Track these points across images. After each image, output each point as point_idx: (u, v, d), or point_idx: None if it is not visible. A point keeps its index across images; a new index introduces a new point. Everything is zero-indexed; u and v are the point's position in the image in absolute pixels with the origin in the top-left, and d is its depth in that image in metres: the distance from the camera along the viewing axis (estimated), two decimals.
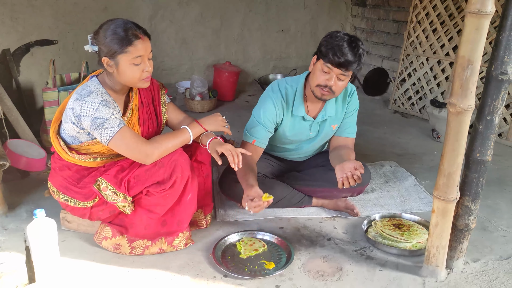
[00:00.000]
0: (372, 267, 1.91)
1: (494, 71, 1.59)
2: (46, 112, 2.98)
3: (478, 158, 1.70)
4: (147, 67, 1.80)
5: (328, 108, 2.23)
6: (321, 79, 2.03)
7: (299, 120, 2.24)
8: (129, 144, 1.79)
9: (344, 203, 2.32)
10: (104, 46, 1.75)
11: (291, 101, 2.20)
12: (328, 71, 2.01)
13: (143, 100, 2.00)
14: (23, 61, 3.40)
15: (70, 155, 1.91)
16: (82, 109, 1.75)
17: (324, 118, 2.25)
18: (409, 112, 4.29)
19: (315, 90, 2.08)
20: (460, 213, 1.79)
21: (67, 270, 1.82)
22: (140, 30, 1.77)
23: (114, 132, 1.76)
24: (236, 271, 1.84)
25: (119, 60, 1.75)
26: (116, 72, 1.79)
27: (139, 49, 1.75)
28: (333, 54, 1.95)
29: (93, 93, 1.77)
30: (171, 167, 1.82)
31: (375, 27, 4.91)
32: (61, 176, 1.96)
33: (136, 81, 1.81)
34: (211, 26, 4.62)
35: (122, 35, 1.72)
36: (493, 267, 1.92)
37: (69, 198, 1.95)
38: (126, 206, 1.88)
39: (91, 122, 1.75)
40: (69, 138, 1.90)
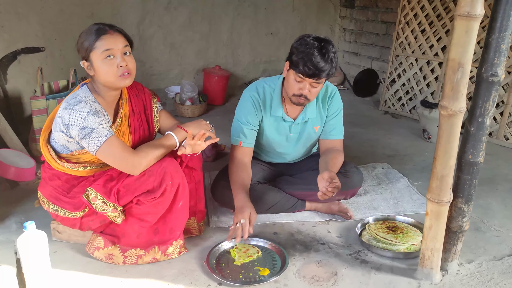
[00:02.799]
0: (367, 271, 1.90)
1: (485, 73, 1.60)
2: (34, 120, 2.94)
3: (471, 160, 1.71)
4: (121, 62, 1.77)
5: (308, 109, 2.24)
6: (295, 89, 2.04)
7: (278, 121, 2.25)
8: (116, 154, 1.78)
9: (338, 207, 2.31)
10: (79, 49, 1.79)
11: (269, 101, 2.22)
12: (301, 81, 2.00)
13: (134, 109, 1.99)
14: (10, 69, 3.36)
15: (59, 163, 1.89)
16: (70, 118, 1.74)
17: (304, 120, 2.26)
18: (400, 112, 4.31)
19: (291, 98, 2.09)
20: (453, 215, 1.79)
21: (59, 282, 1.79)
22: (108, 26, 1.80)
23: (101, 142, 1.75)
24: (230, 278, 1.82)
25: (92, 57, 1.77)
26: (95, 73, 1.79)
27: (108, 43, 1.76)
28: (304, 65, 1.93)
29: (82, 102, 1.76)
30: (161, 175, 1.80)
31: (363, 28, 4.93)
32: (50, 186, 1.94)
33: (112, 78, 1.78)
34: (200, 31, 4.60)
35: (89, 34, 1.76)
36: (487, 268, 1.92)
37: (59, 209, 1.92)
38: (116, 216, 1.85)
39: (79, 131, 1.74)
40: (59, 147, 1.88)
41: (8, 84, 3.34)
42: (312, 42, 1.95)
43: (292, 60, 1.99)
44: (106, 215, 1.85)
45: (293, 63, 1.99)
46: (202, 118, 4.08)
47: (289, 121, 2.25)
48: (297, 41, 2.01)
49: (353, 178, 2.30)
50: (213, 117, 4.16)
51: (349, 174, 2.29)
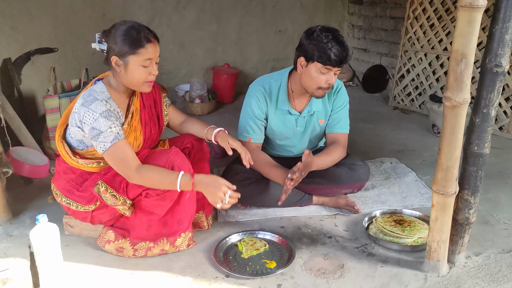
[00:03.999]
0: (374, 264, 1.91)
1: (489, 64, 1.60)
2: (48, 119, 3.01)
3: (476, 151, 1.71)
4: (154, 71, 1.83)
5: (314, 102, 2.27)
6: (321, 81, 2.07)
7: (284, 114, 2.28)
8: (117, 161, 1.80)
9: (345, 200, 2.32)
10: (115, 45, 1.77)
11: (275, 95, 2.25)
12: (327, 72, 2.04)
13: (145, 103, 2.02)
14: (24, 69, 3.43)
15: (74, 159, 1.93)
16: (84, 115, 1.78)
17: (310, 113, 2.28)
18: (409, 108, 4.29)
19: (316, 92, 2.12)
20: (460, 207, 1.79)
21: (71, 275, 1.84)
22: (152, 34, 1.81)
23: (106, 147, 1.77)
24: (238, 271, 1.85)
25: (129, 60, 1.77)
26: (123, 72, 1.81)
27: (149, 52, 1.78)
28: (334, 56, 1.99)
29: (98, 100, 1.78)
30: (169, 168, 1.83)
31: (372, 25, 4.92)
32: (64, 179, 1.98)
33: (140, 83, 1.83)
34: (208, 30, 4.63)
35: (135, 37, 1.75)
36: (495, 261, 1.92)
37: (71, 202, 1.96)
38: (126, 209, 1.89)
39: (89, 130, 1.78)
40: (75, 142, 1.92)
41: (23, 84, 3.41)
42: (326, 33, 2.01)
43: (314, 54, 2.02)
44: (116, 208, 1.89)
45: (316, 57, 2.02)
46: (211, 118, 4.11)
47: (295, 114, 2.27)
48: (309, 36, 2.04)
49: (358, 172, 2.31)
50: (222, 115, 4.20)
51: (354, 168, 2.30)
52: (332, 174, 2.22)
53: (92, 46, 1.86)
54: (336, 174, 2.25)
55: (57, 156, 2.03)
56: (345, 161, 2.30)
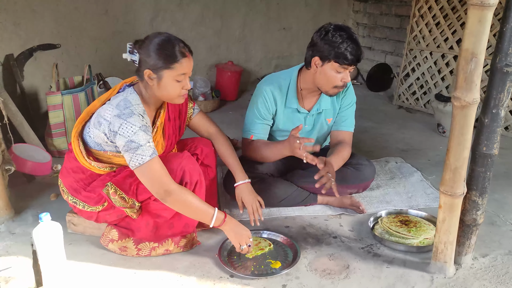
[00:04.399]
0: (379, 264, 1.89)
1: (499, 63, 1.57)
2: (50, 116, 3.00)
3: (485, 152, 1.68)
4: (187, 85, 1.80)
5: (323, 101, 2.26)
6: (337, 80, 2.07)
7: (293, 113, 2.26)
8: (153, 176, 1.73)
9: (350, 200, 2.30)
10: (149, 58, 1.73)
11: (285, 93, 2.23)
12: (343, 70, 2.05)
13: (170, 115, 1.99)
14: (27, 66, 3.41)
15: (87, 160, 1.88)
16: (121, 127, 1.71)
17: (319, 111, 2.28)
18: (414, 107, 4.26)
19: (330, 90, 2.12)
20: (467, 208, 1.77)
21: (74, 273, 1.82)
22: (187, 48, 1.78)
23: (144, 161, 1.71)
24: (242, 271, 1.83)
25: (163, 74, 1.74)
26: (156, 85, 1.77)
27: (184, 67, 1.75)
28: (351, 55, 2.00)
29: (136, 115, 1.72)
30: (180, 174, 1.82)
31: (377, 22, 4.88)
32: (73, 178, 1.95)
33: (174, 97, 1.81)
34: (212, 27, 4.61)
35: (170, 51, 1.72)
36: (502, 262, 1.90)
37: (77, 201, 1.94)
38: (134, 212, 1.88)
39: (126, 143, 1.71)
40: (94, 143, 1.86)
41: (25, 81, 3.39)
42: (340, 33, 2.01)
43: (330, 54, 2.01)
44: (124, 210, 1.88)
45: (333, 57, 2.01)
46: (215, 116, 4.08)
47: (304, 113, 2.27)
48: (323, 36, 2.03)
49: (364, 171, 2.30)
50: (226, 113, 4.18)
51: (360, 167, 2.28)
52: (338, 174, 2.20)
53: (123, 57, 1.82)
54: (342, 174, 2.22)
55: (69, 150, 1.98)
56: (350, 161, 2.28)
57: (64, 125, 3.04)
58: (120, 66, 4.14)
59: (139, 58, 1.76)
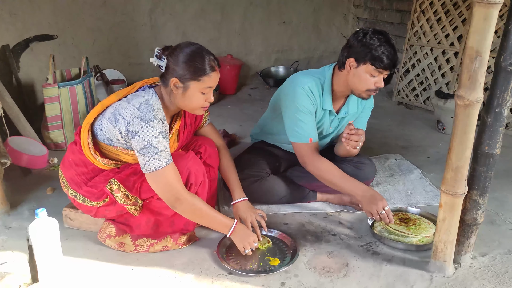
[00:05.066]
0: (379, 263, 1.88)
1: (503, 62, 1.55)
2: (46, 108, 2.96)
3: (487, 151, 1.67)
4: (210, 98, 1.80)
5: (351, 104, 2.25)
6: (371, 84, 2.04)
7: (324, 114, 2.22)
8: (168, 183, 1.72)
9: (349, 198, 2.29)
10: (177, 67, 1.72)
11: (319, 94, 2.16)
12: (379, 75, 2.02)
13: (187, 122, 1.99)
14: (23, 57, 3.37)
15: (92, 155, 1.85)
16: (141, 130, 1.68)
17: (345, 115, 2.25)
18: (413, 103, 4.24)
19: (362, 93, 2.08)
20: (468, 208, 1.75)
21: (70, 269, 1.80)
22: (216, 61, 1.77)
23: (160, 166, 1.69)
24: (240, 268, 1.82)
25: (190, 85, 1.73)
26: (180, 95, 1.76)
27: (212, 81, 1.75)
28: (387, 59, 1.96)
29: (157, 120, 1.71)
30: (186, 175, 1.80)
31: (378, 17, 4.85)
32: (75, 171, 1.91)
33: (195, 108, 1.81)
34: (212, 19, 4.56)
35: (201, 63, 1.71)
36: (501, 261, 1.89)
37: (78, 195, 1.92)
38: (136, 209, 1.86)
39: (144, 146, 1.68)
40: (103, 137, 1.83)
41: (21, 72, 3.35)
42: (379, 36, 1.99)
43: (367, 56, 1.97)
44: (126, 207, 1.85)
45: (370, 60, 1.97)
46: (214, 110, 4.07)
47: (333, 115, 2.24)
48: (361, 38, 1.99)
49: (365, 170, 2.28)
50: (225, 107, 4.15)
51: (361, 166, 2.26)
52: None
53: (150, 61, 1.80)
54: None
55: (72, 142, 1.95)
56: (352, 159, 2.26)
57: (60, 118, 3.00)
58: (118, 58, 4.10)
59: (167, 64, 1.75)
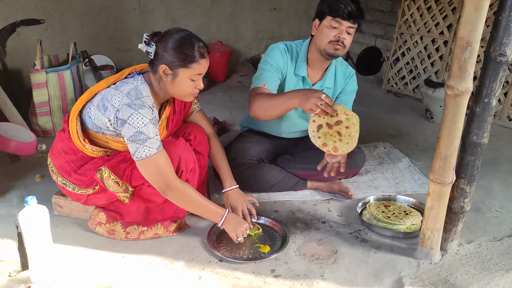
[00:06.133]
0: (367, 250, 1.91)
1: (493, 53, 1.57)
2: (34, 94, 2.92)
3: (475, 140, 1.69)
4: (200, 85, 1.79)
5: (328, 78, 2.26)
6: (331, 35, 2.06)
7: (298, 82, 2.25)
8: (158, 169, 1.71)
9: (339, 186, 2.31)
10: (166, 53, 1.70)
11: (295, 59, 2.22)
12: (338, 26, 2.04)
13: (176, 108, 1.98)
14: (9, 41, 3.30)
15: (81, 143, 1.83)
16: (131, 117, 1.67)
17: (321, 88, 2.26)
18: (403, 91, 4.27)
19: (327, 47, 2.09)
20: (455, 196, 1.79)
21: (61, 257, 1.80)
22: (206, 48, 1.75)
23: (151, 153, 1.68)
24: (231, 255, 1.83)
25: (179, 72, 1.72)
26: (169, 81, 1.75)
27: (201, 67, 1.75)
28: (344, 7, 1.99)
29: (146, 107, 1.70)
30: (176, 162, 1.80)
31: (368, 5, 4.83)
32: (64, 159, 1.89)
33: (185, 95, 1.80)
34: (202, 5, 4.51)
35: (190, 50, 1.70)
36: (486, 248, 1.93)
37: (67, 182, 1.90)
38: (127, 197, 1.86)
39: (134, 133, 1.67)
40: (92, 124, 1.81)
41: (7, 57, 3.29)
42: None
43: (325, 9, 2.04)
44: (116, 195, 1.85)
45: (328, 10, 2.03)
46: (204, 97, 4.03)
47: (308, 84, 2.26)
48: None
49: (355, 159, 2.30)
50: (215, 94, 4.13)
51: (351, 155, 2.27)
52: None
53: (138, 47, 1.77)
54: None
55: (61, 129, 1.93)
56: None
57: (49, 104, 2.97)
58: (106, 43, 4.04)
59: (156, 51, 1.73)
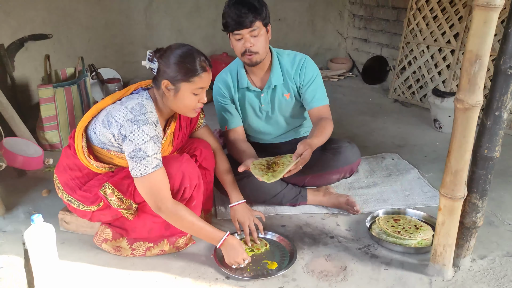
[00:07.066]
0: (377, 266, 1.87)
1: (503, 65, 1.54)
2: (42, 109, 2.94)
3: (486, 154, 1.66)
4: (203, 99, 1.78)
5: (274, 76, 2.20)
6: (239, 48, 2.04)
7: (246, 93, 2.25)
8: (152, 189, 1.70)
9: (345, 199, 2.25)
10: (168, 69, 1.71)
11: (235, 76, 2.23)
12: (240, 37, 2.00)
13: (182, 124, 1.97)
14: (18, 56, 3.33)
15: (86, 158, 1.82)
16: (132, 134, 1.66)
17: (271, 87, 2.22)
18: (410, 101, 4.23)
19: (243, 59, 2.11)
20: (467, 211, 1.75)
21: (67, 274, 1.79)
22: (207, 61, 1.75)
23: (146, 172, 1.67)
24: (238, 272, 1.81)
25: (181, 87, 1.72)
26: (172, 96, 1.74)
27: (203, 81, 1.73)
28: (230, 20, 1.96)
29: (150, 124, 1.69)
30: (180, 178, 1.78)
31: (373, 14, 4.82)
32: (69, 175, 1.89)
33: (188, 110, 1.79)
34: (207, 17, 4.52)
35: (191, 64, 1.70)
36: (500, 264, 1.89)
37: (72, 199, 1.89)
38: (130, 213, 1.84)
39: (133, 150, 1.67)
40: (97, 140, 1.81)
41: (16, 72, 3.31)
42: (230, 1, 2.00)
43: (223, 25, 2.03)
44: (120, 212, 1.83)
45: (224, 27, 2.03)
46: (209, 107, 4.05)
47: (256, 91, 2.24)
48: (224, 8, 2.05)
49: (345, 153, 2.21)
50: None
51: (340, 149, 2.21)
52: (318, 161, 2.14)
53: (142, 64, 1.79)
54: (321, 161, 2.19)
55: (66, 146, 1.93)
56: (330, 145, 2.21)
57: (56, 118, 2.98)
58: (113, 56, 4.06)
59: (159, 67, 1.73)
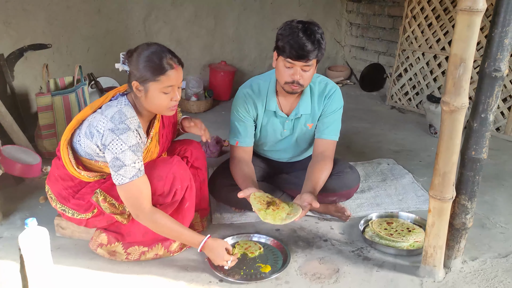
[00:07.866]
0: (370, 268, 1.89)
1: (488, 68, 1.57)
2: (40, 117, 2.97)
3: (473, 156, 1.68)
4: (176, 96, 1.75)
5: (302, 105, 2.16)
6: (286, 76, 1.98)
7: (271, 117, 2.20)
8: (130, 198, 1.72)
9: (334, 207, 2.26)
10: (136, 70, 1.70)
11: (265, 96, 2.16)
12: (291, 66, 1.94)
13: (165, 122, 1.97)
14: (17, 66, 3.37)
15: (76, 170, 1.84)
16: (111, 143, 1.67)
17: (297, 116, 2.19)
18: (406, 107, 4.27)
19: (284, 87, 2.04)
20: (456, 212, 1.77)
21: (62, 278, 1.81)
22: (175, 59, 1.73)
23: (123, 182, 1.68)
24: (232, 275, 1.82)
25: (149, 87, 1.70)
26: (143, 97, 1.73)
27: (171, 79, 1.70)
28: (291, 48, 1.88)
29: (130, 131, 1.69)
30: (170, 180, 1.80)
31: (370, 23, 4.88)
32: (61, 185, 1.91)
33: (162, 109, 1.77)
34: (206, 26, 4.58)
35: (157, 63, 1.67)
36: (491, 266, 1.90)
37: (66, 209, 1.91)
38: (124, 218, 1.86)
39: (111, 159, 1.68)
40: (84, 152, 1.82)
41: (15, 81, 3.36)
42: (296, 25, 1.91)
43: (279, 46, 1.94)
44: (114, 217, 1.86)
45: (280, 49, 1.94)
46: (208, 116, 4.07)
47: (282, 117, 2.19)
48: (281, 28, 1.97)
49: (346, 179, 2.22)
50: (219, 113, 4.17)
51: (342, 175, 2.20)
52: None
53: (115, 66, 1.79)
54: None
55: (56, 157, 1.95)
56: (332, 170, 2.18)
57: (54, 126, 3.01)
58: (112, 65, 4.10)
59: (129, 69, 1.74)
